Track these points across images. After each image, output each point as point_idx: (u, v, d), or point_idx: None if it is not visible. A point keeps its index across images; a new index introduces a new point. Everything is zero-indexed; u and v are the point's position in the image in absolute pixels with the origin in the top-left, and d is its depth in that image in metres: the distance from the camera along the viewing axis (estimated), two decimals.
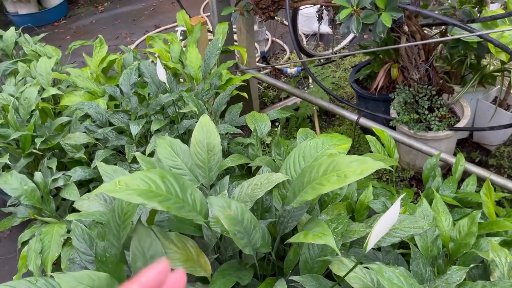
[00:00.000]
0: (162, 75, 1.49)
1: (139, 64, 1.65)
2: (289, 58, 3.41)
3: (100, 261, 1.03)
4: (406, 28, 1.81)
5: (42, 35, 2.44)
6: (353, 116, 2.11)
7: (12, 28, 2.26)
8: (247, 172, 1.50)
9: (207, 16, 4.09)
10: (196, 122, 1.60)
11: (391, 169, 1.18)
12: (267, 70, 3.20)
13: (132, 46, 3.71)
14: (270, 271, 1.16)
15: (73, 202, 1.67)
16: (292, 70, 3.06)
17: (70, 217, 1.05)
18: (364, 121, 2.06)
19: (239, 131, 1.54)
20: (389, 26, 1.51)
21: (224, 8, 2.36)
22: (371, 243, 0.74)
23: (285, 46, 3.54)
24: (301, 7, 2.84)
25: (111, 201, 1.32)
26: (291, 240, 0.90)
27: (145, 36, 3.87)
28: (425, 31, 2.16)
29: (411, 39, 1.82)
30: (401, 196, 0.75)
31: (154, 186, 0.87)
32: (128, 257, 1.00)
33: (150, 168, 1.11)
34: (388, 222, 0.72)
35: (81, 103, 1.66)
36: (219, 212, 0.92)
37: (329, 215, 1.17)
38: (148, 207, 0.82)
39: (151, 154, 1.47)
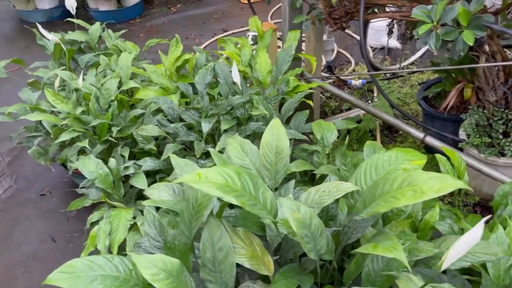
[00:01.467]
0: (237, 77, 1.55)
1: (214, 65, 1.72)
2: (353, 70, 3.38)
3: (168, 248, 1.08)
4: (486, 47, 1.75)
5: (122, 31, 2.59)
6: (419, 134, 2.06)
7: (97, 23, 2.43)
8: (309, 179, 1.51)
9: (274, 23, 4.15)
10: (262, 125, 1.64)
11: (468, 187, 1.14)
12: (331, 80, 3.19)
13: (201, 48, 3.84)
14: (328, 279, 1.17)
15: (139, 189, 1.77)
16: (356, 82, 3.03)
17: (146, 202, 1.11)
18: (430, 140, 2.01)
19: (304, 137, 1.56)
20: (471, 45, 1.46)
21: (296, 16, 2.40)
22: (447, 263, 0.73)
23: (350, 57, 3.51)
24: (372, 20, 2.82)
25: (179, 192, 1.38)
26: (360, 250, 0.90)
27: (213, 39, 4.00)
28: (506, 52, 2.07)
29: (491, 60, 1.75)
30: (484, 219, 0.73)
31: (231, 181, 0.91)
32: (197, 247, 1.05)
33: (223, 165, 1.15)
34: (467, 244, 0.71)
35: (157, 98, 1.75)
36: (289, 214, 0.94)
37: (392, 231, 1.15)
38: (225, 200, 0.86)
39: (219, 152, 1.53)
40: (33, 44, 4.20)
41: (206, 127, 1.53)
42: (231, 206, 1.19)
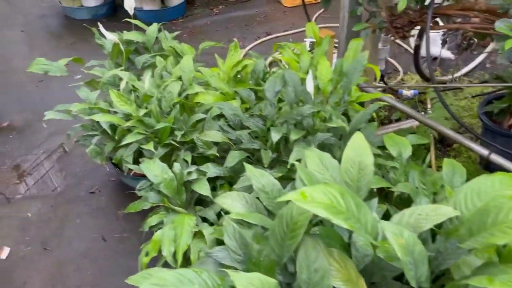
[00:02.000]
0: (311, 87, 1.51)
1: (284, 73, 1.68)
2: (402, 79, 3.30)
3: (253, 264, 1.05)
4: None
5: (176, 33, 2.59)
6: (483, 151, 1.97)
7: (155, 24, 2.43)
8: (382, 196, 1.46)
9: (320, 28, 4.09)
10: (331, 136, 1.59)
11: None
12: (380, 89, 3.12)
13: (244, 51, 3.83)
14: None
15: (199, 195, 1.75)
16: (408, 93, 2.96)
17: (233, 215, 1.08)
18: (496, 158, 1.92)
19: (378, 152, 1.51)
20: None
21: (356, 24, 2.34)
22: None
23: (398, 66, 3.43)
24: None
25: (252, 203, 1.35)
26: (473, 282, 0.85)
27: (257, 42, 3.98)
28: None
29: None
30: None
31: (335, 201, 0.87)
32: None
33: (309, 179, 1.12)
34: None
35: (222, 104, 1.73)
36: (392, 238, 0.90)
37: (479, 257, 1.09)
38: (333, 222, 0.82)
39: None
40: (79, 41, 4.28)
41: (275, 136, 1.50)
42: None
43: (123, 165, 2.08)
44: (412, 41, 3.23)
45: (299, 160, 1.39)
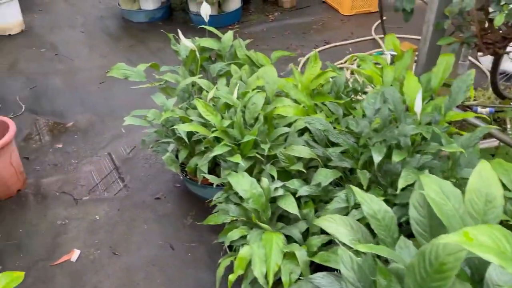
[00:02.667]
0: (419, 106, 1.42)
1: (384, 89, 1.60)
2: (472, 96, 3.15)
3: None
4: None
5: (247, 41, 2.55)
6: None
7: (230, 32, 2.40)
8: None
9: (380, 38, 3.99)
10: (432, 159, 1.50)
11: None
12: None
13: (303, 60, 3.76)
14: None
15: (282, 211, 1.69)
16: (483, 110, 2.81)
17: (361, 247, 1.01)
18: None
19: None
20: None
21: (441, 38, 2.24)
22: None
23: None
24: None
25: (358, 229, 1.28)
26: None
27: (316, 50, 3.90)
28: None
29: None
30: None
31: (501, 245, 0.78)
32: None
33: (440, 211, 1.03)
34: None
35: (312, 118, 1.67)
36: None
37: None
38: (509, 271, 0.73)
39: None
40: (137, 44, 4.33)
41: (377, 157, 1.42)
42: None
43: (197, 174, 2.05)
44: (481, 56, 3.08)
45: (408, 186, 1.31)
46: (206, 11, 2.39)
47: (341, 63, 3.63)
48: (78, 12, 5.04)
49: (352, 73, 3.51)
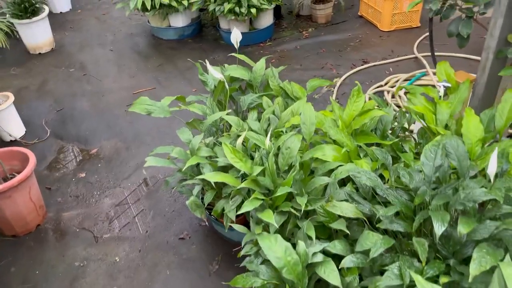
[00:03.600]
0: (493, 167, 1.16)
1: (446, 141, 1.35)
2: None
3: None
4: None
5: (281, 68, 2.33)
6: None
7: (262, 61, 2.19)
8: None
9: (423, 56, 3.68)
10: (505, 229, 1.23)
11: None
12: None
13: (339, 81, 3.52)
14: None
15: (318, 279, 1.46)
16: None
17: None
18: None
19: None
20: None
21: (505, 68, 1.95)
22: None
23: None
24: None
25: None
26: None
27: (353, 71, 3.65)
28: None
29: None
30: None
31: None
32: None
33: None
34: None
35: (358, 170, 1.43)
36: None
37: None
38: None
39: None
40: (166, 63, 4.20)
41: (440, 228, 1.17)
42: None
43: (224, 220, 1.85)
44: None
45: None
46: (236, 37, 2.19)
47: (381, 85, 3.35)
48: (108, 30, 4.98)
49: (393, 96, 3.23)
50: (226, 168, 1.86)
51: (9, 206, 2.26)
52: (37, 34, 4.33)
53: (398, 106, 3.14)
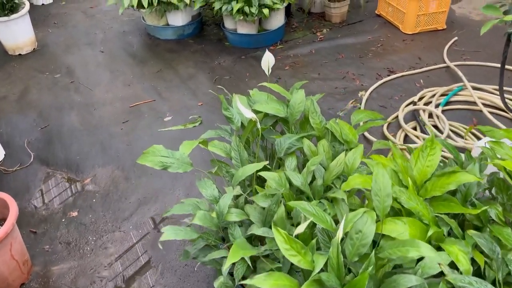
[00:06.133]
0: None
1: None
2: None
3: None
4: None
5: (319, 96, 1.91)
6: None
7: (301, 92, 1.76)
8: None
9: (456, 66, 3.29)
10: None
11: None
12: None
13: (366, 95, 3.11)
14: None
15: None
16: None
17: None
18: None
19: None
20: None
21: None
22: None
23: None
24: None
25: None
26: None
27: (379, 82, 3.24)
28: None
29: None
30: None
31: None
32: None
33: None
34: None
35: (467, 281, 1.04)
36: None
37: None
38: None
39: None
40: (165, 69, 3.72)
41: None
42: None
43: None
44: None
45: None
46: (268, 62, 1.76)
47: (415, 102, 2.96)
48: (97, 26, 4.46)
49: (430, 116, 2.85)
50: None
51: None
52: (16, 33, 3.80)
53: (436, 127, 2.76)
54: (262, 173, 1.51)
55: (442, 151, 2.44)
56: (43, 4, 4.97)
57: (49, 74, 3.67)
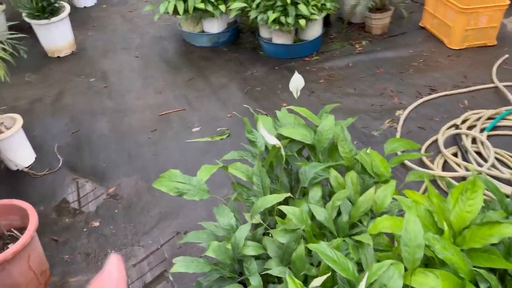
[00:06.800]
0: None
1: None
2: None
3: None
4: None
5: (349, 120, 1.79)
6: None
7: (331, 117, 1.64)
8: None
9: (505, 86, 3.06)
10: None
11: None
12: None
13: (404, 114, 2.93)
14: None
15: None
16: None
17: None
18: None
19: None
20: None
21: None
22: None
23: None
24: None
25: None
26: None
27: (419, 101, 3.05)
28: None
29: None
30: None
31: None
32: None
33: None
34: None
35: None
36: None
37: None
38: None
39: None
40: (197, 77, 3.68)
41: None
42: None
43: None
44: None
45: None
46: (297, 84, 1.66)
47: (456, 125, 2.76)
48: (134, 30, 4.49)
49: (473, 141, 2.64)
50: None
51: (2, 279, 1.82)
52: (56, 36, 3.88)
53: (479, 154, 2.55)
54: (282, 208, 1.41)
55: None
56: (85, 6, 5.07)
57: (84, 78, 3.72)
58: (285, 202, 1.63)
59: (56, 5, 3.71)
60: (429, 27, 3.95)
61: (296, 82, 1.66)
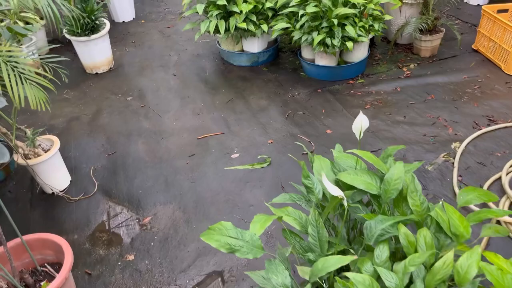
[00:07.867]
0: None
1: None
2: None
3: None
4: None
5: (417, 164, 1.59)
6: None
7: (400, 164, 1.46)
8: None
9: None
10: None
11: None
12: None
13: (461, 147, 2.70)
14: None
15: None
16: None
17: None
18: None
19: None
20: None
21: None
22: None
23: None
24: None
25: None
26: None
27: (477, 133, 2.81)
28: None
29: None
30: None
31: None
32: None
33: None
34: None
35: None
36: None
37: None
38: None
39: None
40: (237, 98, 3.55)
41: None
42: None
43: None
44: None
45: None
46: (361, 125, 1.49)
47: None
48: (172, 48, 4.42)
49: None
50: None
51: None
52: (95, 52, 3.85)
53: None
54: (349, 275, 1.23)
55: None
56: (123, 21, 5.07)
57: (121, 96, 3.65)
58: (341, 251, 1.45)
59: (97, 22, 3.68)
60: (483, 50, 3.70)
61: (361, 123, 1.49)
